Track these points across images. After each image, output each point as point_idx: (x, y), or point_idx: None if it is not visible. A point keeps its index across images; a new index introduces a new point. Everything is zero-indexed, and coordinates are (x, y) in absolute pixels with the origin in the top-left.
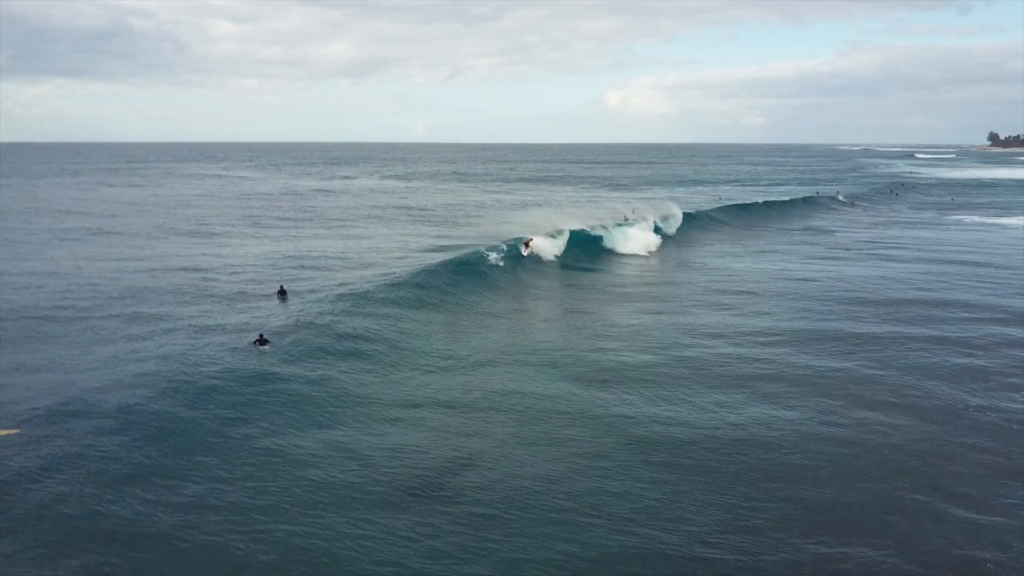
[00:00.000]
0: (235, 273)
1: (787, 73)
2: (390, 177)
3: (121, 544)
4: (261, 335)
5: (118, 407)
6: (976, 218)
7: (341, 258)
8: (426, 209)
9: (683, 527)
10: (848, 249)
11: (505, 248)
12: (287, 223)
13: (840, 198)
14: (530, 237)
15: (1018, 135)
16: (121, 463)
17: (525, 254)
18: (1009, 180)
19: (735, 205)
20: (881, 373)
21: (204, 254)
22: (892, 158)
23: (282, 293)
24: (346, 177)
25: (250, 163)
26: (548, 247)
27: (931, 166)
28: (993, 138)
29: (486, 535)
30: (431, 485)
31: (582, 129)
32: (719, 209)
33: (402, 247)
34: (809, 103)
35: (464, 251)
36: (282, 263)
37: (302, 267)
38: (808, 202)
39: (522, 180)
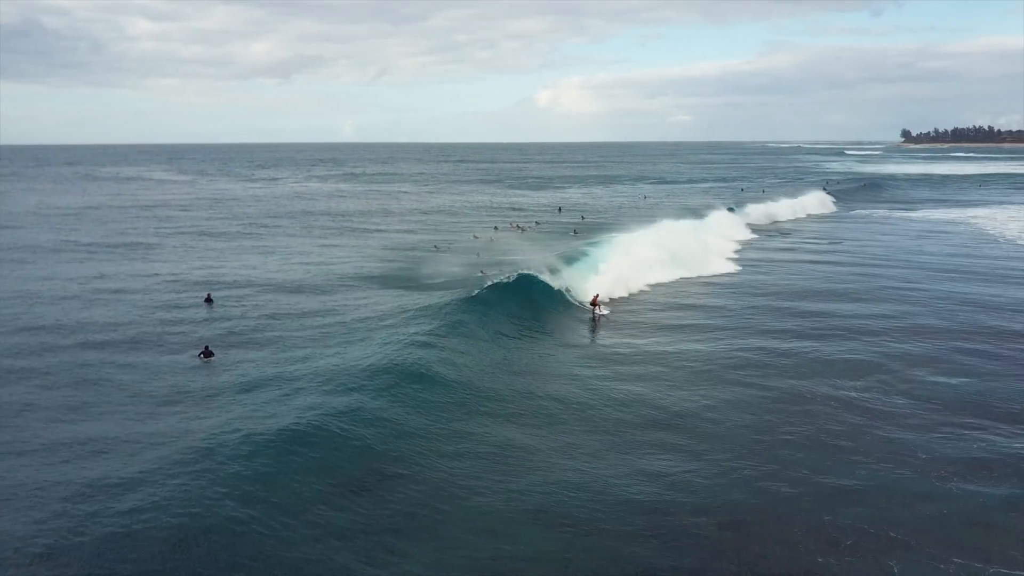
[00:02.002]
0: (159, 284)
1: (712, 72)
2: (315, 179)
3: None
4: (206, 347)
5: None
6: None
7: (266, 271)
8: (348, 215)
9: None
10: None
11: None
12: (210, 233)
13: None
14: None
15: (929, 132)
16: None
17: (600, 312)
18: (955, 175)
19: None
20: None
21: (124, 268)
22: (827, 155)
23: (208, 300)
24: (273, 180)
25: (170, 167)
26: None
27: (867, 162)
28: (906, 135)
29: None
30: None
31: (513, 128)
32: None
33: (326, 263)
34: (733, 102)
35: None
36: (206, 274)
37: (229, 281)
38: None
39: (452, 181)
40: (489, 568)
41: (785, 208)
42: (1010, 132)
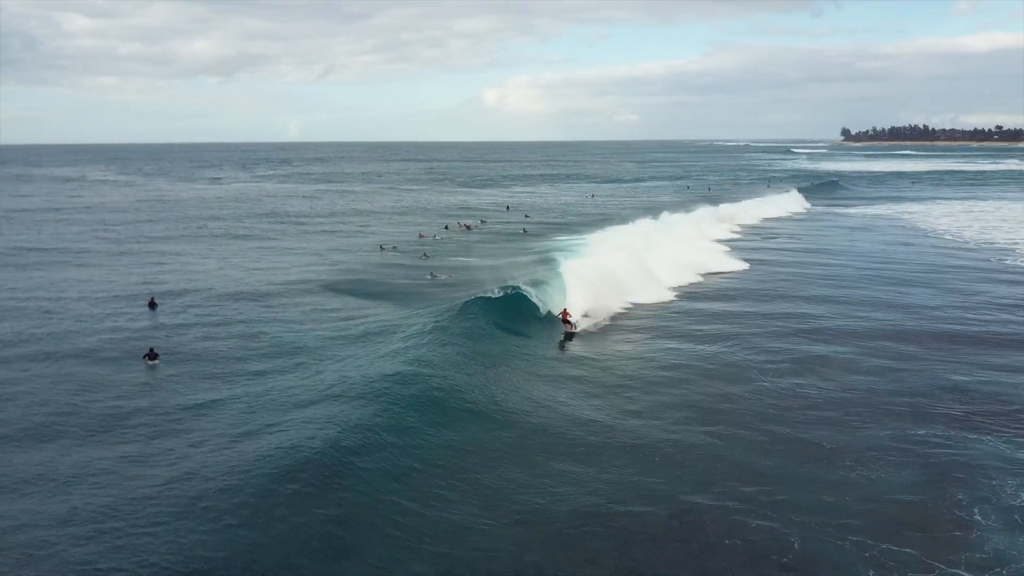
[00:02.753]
0: (98, 290)
1: (657, 72)
2: (259, 179)
3: None
4: (151, 349)
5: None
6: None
7: (210, 276)
8: (292, 216)
9: None
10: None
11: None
12: (152, 236)
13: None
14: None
15: (867, 130)
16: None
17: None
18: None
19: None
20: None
21: (61, 275)
22: (774, 153)
23: (152, 305)
24: (215, 180)
25: (109, 167)
26: None
27: (817, 160)
28: (846, 133)
29: None
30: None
31: (461, 127)
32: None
33: (270, 267)
34: (679, 101)
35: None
36: (148, 278)
37: (174, 286)
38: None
39: (399, 181)
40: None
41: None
42: (943, 130)
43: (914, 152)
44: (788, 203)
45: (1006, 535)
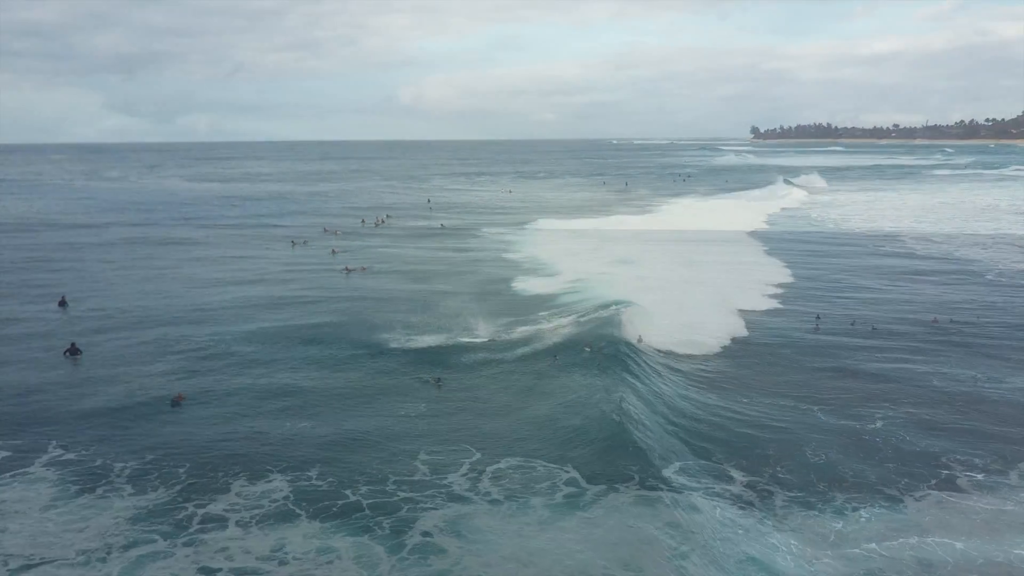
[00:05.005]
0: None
1: (573, 72)
2: (169, 177)
3: None
4: (73, 344)
5: None
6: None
7: (129, 281)
8: (198, 218)
9: None
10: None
11: None
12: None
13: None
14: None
15: (775, 128)
16: None
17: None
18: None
19: None
20: None
21: None
22: (704, 150)
23: (63, 303)
24: (119, 179)
25: None
26: None
27: (761, 156)
28: (755, 131)
29: None
30: None
31: (377, 126)
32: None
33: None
34: (595, 100)
35: None
36: (59, 279)
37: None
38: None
39: (313, 179)
40: None
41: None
42: (845, 128)
43: (844, 149)
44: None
45: None
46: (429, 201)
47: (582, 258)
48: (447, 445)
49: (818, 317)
